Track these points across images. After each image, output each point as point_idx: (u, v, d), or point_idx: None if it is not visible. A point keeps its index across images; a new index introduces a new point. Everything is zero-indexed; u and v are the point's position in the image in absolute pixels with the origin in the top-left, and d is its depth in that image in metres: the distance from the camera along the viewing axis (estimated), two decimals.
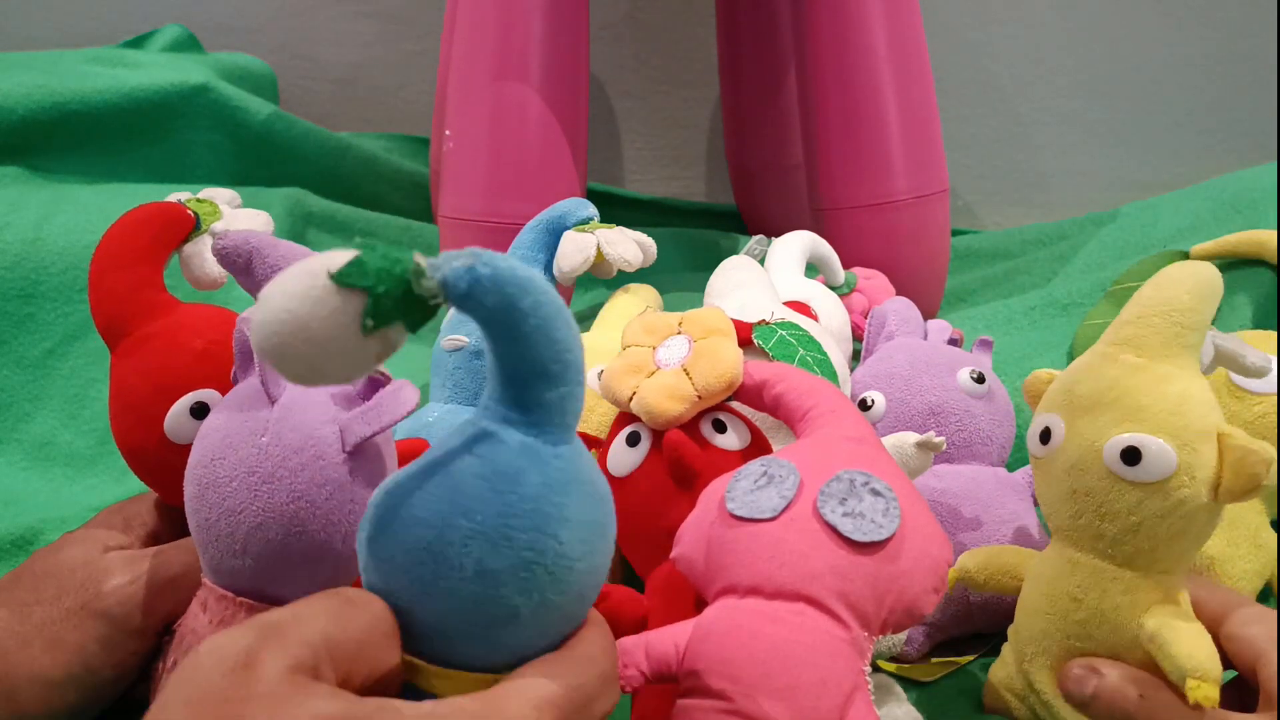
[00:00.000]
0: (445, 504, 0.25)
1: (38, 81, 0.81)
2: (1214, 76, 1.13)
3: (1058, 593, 0.36)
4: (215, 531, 0.32)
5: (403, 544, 0.25)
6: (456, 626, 0.26)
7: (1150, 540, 0.33)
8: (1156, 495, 0.33)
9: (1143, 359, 0.34)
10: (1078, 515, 0.35)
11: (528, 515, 0.25)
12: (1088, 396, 0.35)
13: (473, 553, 0.25)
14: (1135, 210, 0.83)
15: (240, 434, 0.32)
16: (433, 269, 0.23)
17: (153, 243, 0.40)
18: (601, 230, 0.58)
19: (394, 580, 0.25)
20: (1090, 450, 0.34)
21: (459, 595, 0.25)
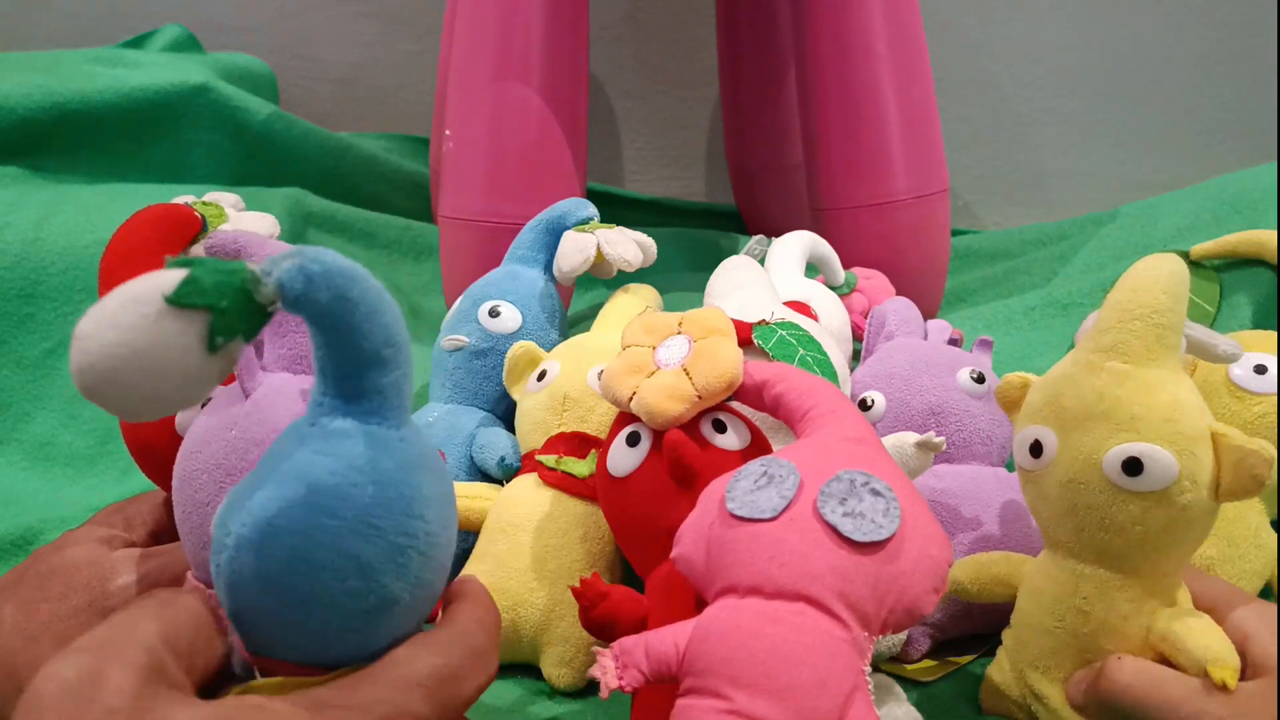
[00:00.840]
0: (306, 508, 0.24)
1: (38, 81, 0.81)
2: (1214, 76, 1.13)
3: (1064, 608, 0.35)
4: (189, 525, 0.32)
5: (273, 558, 0.24)
6: (336, 626, 0.25)
7: (1156, 548, 0.33)
8: (1161, 504, 0.32)
9: (1128, 365, 0.33)
10: (1080, 529, 0.34)
11: (390, 502, 0.25)
12: (1077, 409, 0.34)
13: (346, 549, 0.25)
14: (1135, 210, 0.83)
15: (215, 429, 0.32)
16: (265, 275, 0.22)
17: (163, 242, 0.40)
18: (601, 230, 0.58)
19: (267, 596, 0.25)
20: (1088, 464, 0.33)
21: (338, 594, 0.25)
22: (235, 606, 0.25)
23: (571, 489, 0.47)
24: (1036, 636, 0.37)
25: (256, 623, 0.25)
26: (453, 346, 0.55)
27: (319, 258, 0.23)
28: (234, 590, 0.25)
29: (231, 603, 0.25)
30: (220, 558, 0.25)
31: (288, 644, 0.26)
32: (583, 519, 0.46)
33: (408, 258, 0.95)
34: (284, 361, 0.34)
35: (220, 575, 0.25)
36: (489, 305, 0.56)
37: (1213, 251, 0.64)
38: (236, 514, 0.25)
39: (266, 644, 0.26)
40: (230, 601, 0.25)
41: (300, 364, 0.34)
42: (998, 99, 1.16)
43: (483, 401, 0.55)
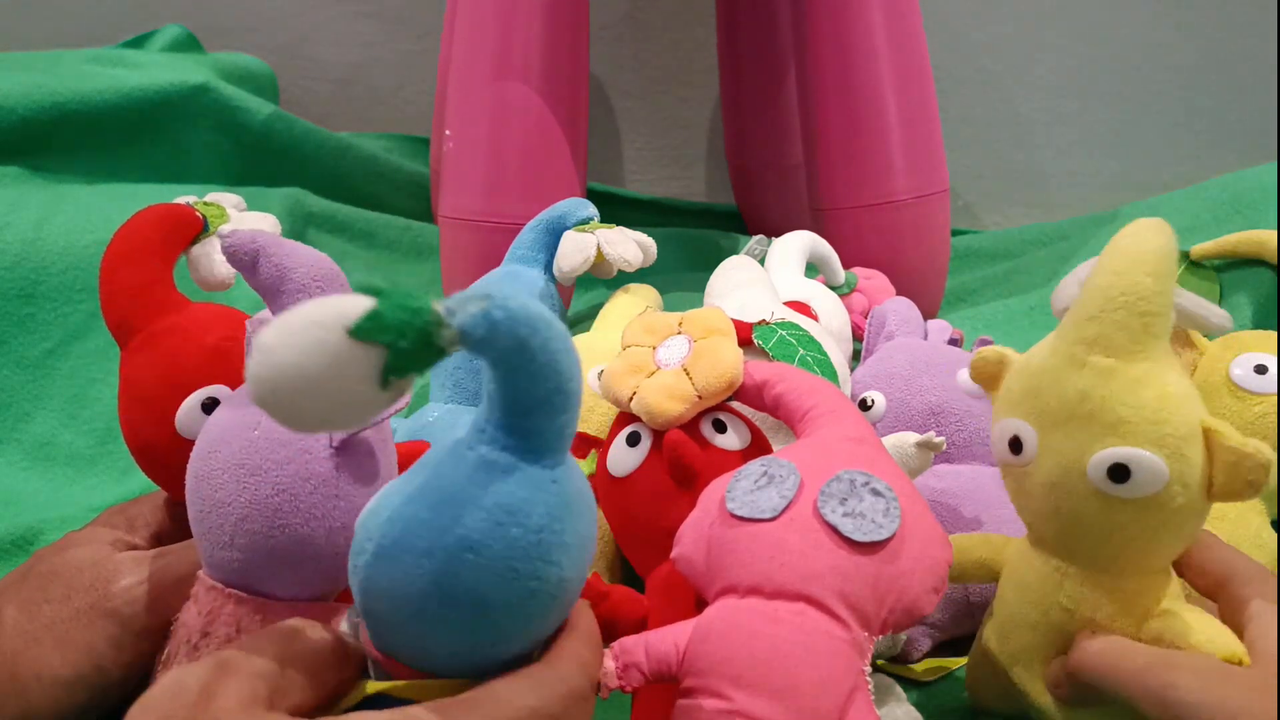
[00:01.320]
0: (450, 538, 0.25)
1: (38, 81, 0.81)
2: (1214, 76, 1.13)
3: (1049, 604, 0.34)
4: (207, 524, 0.32)
5: (406, 578, 0.25)
6: (447, 648, 0.26)
7: (1144, 550, 0.32)
8: (1150, 510, 0.31)
9: (1112, 359, 0.31)
10: (1063, 533, 0.33)
11: (532, 548, 0.25)
12: (1059, 409, 0.32)
13: (476, 587, 0.25)
14: (1135, 210, 0.83)
15: (235, 428, 0.32)
16: (449, 316, 0.22)
17: (165, 241, 0.40)
18: (601, 230, 0.58)
19: (393, 607, 0.25)
20: (1073, 470, 0.31)
21: (453, 624, 0.25)
22: (365, 607, 0.26)
23: None
24: (1019, 630, 0.36)
25: (382, 626, 0.26)
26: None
27: (505, 304, 0.23)
28: (365, 593, 0.26)
29: (362, 602, 0.26)
30: (358, 560, 0.26)
31: (407, 650, 0.26)
32: None
33: (408, 258, 0.95)
34: None
35: (355, 574, 0.26)
36: None
37: (1213, 251, 0.64)
38: (379, 522, 0.25)
39: (390, 646, 0.27)
40: (361, 600, 0.26)
41: None
42: (998, 99, 1.16)
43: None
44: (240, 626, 0.32)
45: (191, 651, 0.32)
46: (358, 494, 0.32)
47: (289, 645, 0.26)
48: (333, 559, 0.32)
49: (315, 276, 0.34)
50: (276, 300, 0.34)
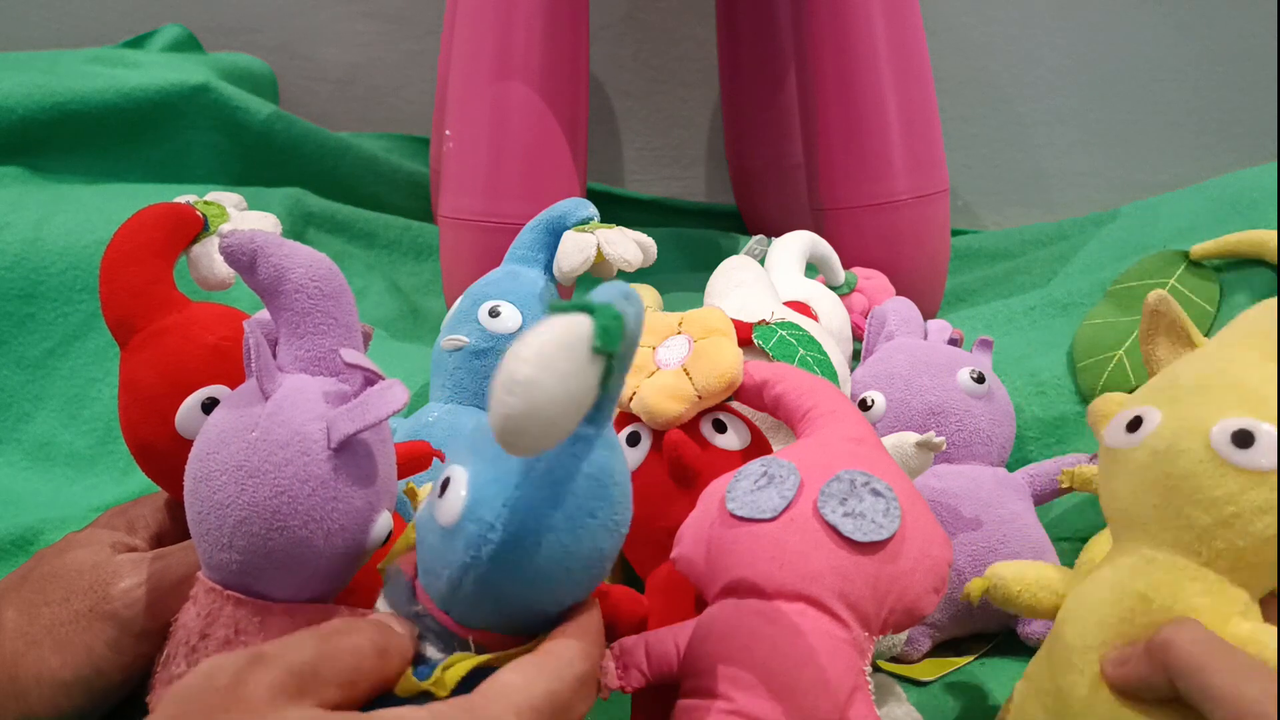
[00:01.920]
0: (572, 509, 0.27)
1: (38, 81, 0.81)
2: (1214, 76, 1.13)
3: (1125, 593, 0.32)
4: (206, 525, 0.32)
5: (540, 552, 0.27)
6: (564, 605, 0.29)
7: (1243, 537, 0.30)
8: (1262, 486, 0.30)
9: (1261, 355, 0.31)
10: (1165, 505, 0.31)
11: (624, 499, 0.29)
12: (1193, 381, 0.32)
13: (597, 544, 0.28)
14: (1135, 210, 0.83)
15: (234, 429, 0.32)
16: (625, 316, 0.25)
17: (165, 240, 0.40)
18: (601, 230, 0.58)
19: (524, 584, 0.27)
20: (1193, 432, 0.31)
21: (581, 582, 0.28)
22: (474, 592, 0.27)
23: None
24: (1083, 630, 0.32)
25: (493, 606, 0.28)
26: (453, 346, 0.55)
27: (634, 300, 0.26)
28: (484, 580, 0.27)
29: (475, 589, 0.27)
30: (481, 550, 0.27)
31: (511, 621, 0.28)
32: None
33: (408, 258, 0.95)
34: (301, 363, 0.34)
35: (471, 567, 0.27)
36: (489, 305, 0.55)
37: (1213, 251, 0.64)
38: (491, 510, 0.27)
39: (487, 621, 0.28)
40: (473, 588, 0.27)
41: (318, 366, 0.34)
42: (998, 99, 1.16)
43: (483, 401, 0.54)
44: (239, 628, 0.32)
45: (190, 653, 0.32)
46: (356, 496, 0.32)
47: (327, 643, 0.26)
48: (331, 561, 0.32)
49: (313, 277, 0.34)
50: (274, 300, 0.34)
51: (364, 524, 0.33)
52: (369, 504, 0.33)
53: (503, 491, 0.27)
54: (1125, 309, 0.64)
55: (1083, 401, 0.60)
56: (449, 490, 0.28)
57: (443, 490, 0.28)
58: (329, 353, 0.34)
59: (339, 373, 0.34)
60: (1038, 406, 0.60)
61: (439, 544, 0.28)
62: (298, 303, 0.33)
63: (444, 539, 0.28)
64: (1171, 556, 0.31)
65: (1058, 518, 0.56)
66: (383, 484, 0.33)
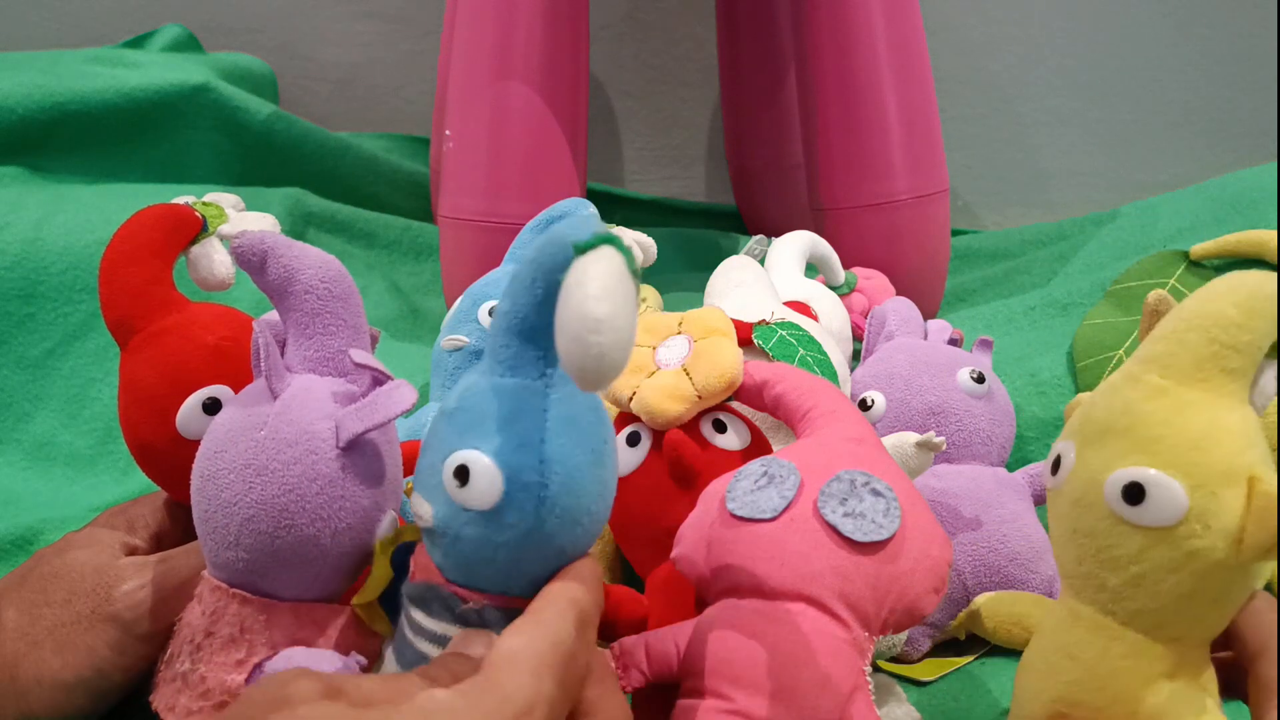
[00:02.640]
0: (590, 451, 0.28)
1: (38, 81, 0.81)
2: (1214, 76, 1.13)
3: (1053, 647, 0.31)
4: (213, 524, 0.32)
5: (586, 493, 0.28)
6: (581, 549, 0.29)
7: (1155, 597, 0.28)
8: (1163, 544, 0.27)
9: (1168, 381, 0.28)
10: (1080, 560, 0.29)
11: (610, 423, 0.30)
12: (1100, 422, 0.29)
13: (607, 480, 0.29)
14: (1135, 210, 0.83)
15: (242, 428, 0.32)
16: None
17: (164, 241, 0.40)
18: None
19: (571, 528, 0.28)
20: (1094, 484, 0.29)
21: (601, 518, 0.29)
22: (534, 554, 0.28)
23: None
24: (1026, 678, 0.32)
25: (553, 559, 0.29)
26: (453, 346, 0.55)
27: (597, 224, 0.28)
28: (546, 539, 0.28)
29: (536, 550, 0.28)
30: (540, 511, 0.28)
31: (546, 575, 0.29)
32: None
33: (408, 258, 0.95)
34: (310, 363, 0.34)
35: (535, 531, 0.28)
36: (489, 305, 0.55)
37: (1213, 251, 0.64)
38: (533, 470, 0.28)
39: (533, 584, 0.29)
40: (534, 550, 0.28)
41: (327, 366, 0.34)
42: (998, 99, 1.16)
43: None
44: (244, 626, 0.32)
45: (194, 651, 0.32)
46: (363, 495, 0.32)
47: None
48: (337, 560, 0.32)
49: (323, 278, 0.34)
50: (284, 301, 0.34)
51: (370, 523, 0.33)
52: (376, 503, 0.33)
53: (534, 451, 0.28)
54: (1125, 309, 0.64)
55: None
56: (473, 477, 0.27)
57: (462, 482, 0.28)
58: (337, 353, 0.34)
59: (347, 373, 0.34)
60: (1038, 406, 0.60)
61: (483, 531, 0.28)
62: (307, 304, 0.34)
63: (488, 522, 0.28)
64: (1093, 613, 0.30)
65: None
66: (389, 484, 0.33)
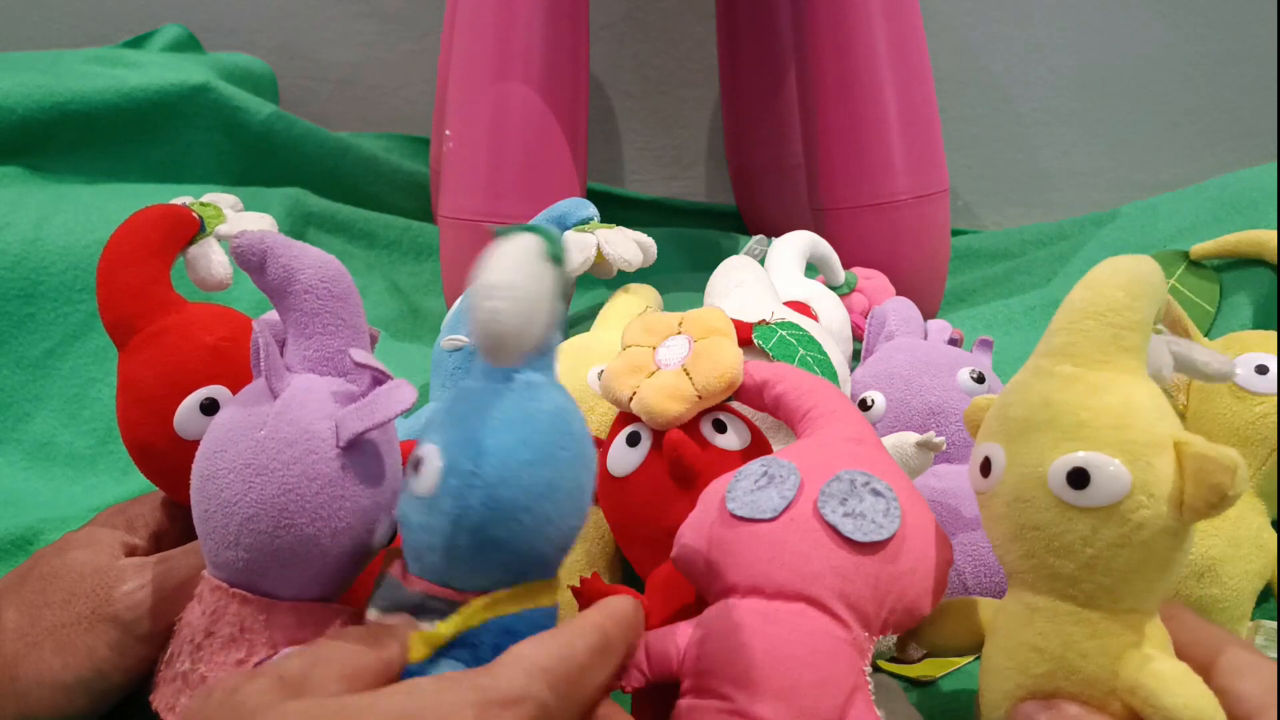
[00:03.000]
0: (546, 444, 0.28)
1: (38, 81, 0.81)
2: (1214, 76, 1.13)
3: (1015, 644, 0.31)
4: (213, 523, 0.32)
5: (525, 489, 0.28)
6: (554, 546, 0.29)
7: (1110, 574, 0.29)
8: (1111, 521, 0.29)
9: (1078, 369, 0.30)
10: (1029, 555, 0.30)
11: (585, 437, 0.30)
12: (1022, 418, 0.31)
13: (575, 477, 0.29)
14: (1135, 210, 0.83)
15: (242, 428, 0.32)
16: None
17: (162, 242, 0.40)
18: (601, 230, 0.58)
19: (512, 525, 0.28)
20: (1032, 478, 0.30)
21: (568, 515, 0.29)
22: (470, 544, 0.28)
23: None
24: (993, 680, 0.32)
25: (492, 557, 0.28)
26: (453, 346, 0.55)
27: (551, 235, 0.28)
28: (477, 529, 0.28)
29: (470, 540, 0.28)
30: (469, 498, 0.28)
31: (511, 571, 0.29)
32: None
33: (408, 258, 0.95)
34: (309, 363, 0.34)
35: (463, 519, 0.28)
36: None
37: (1213, 251, 0.64)
38: (468, 459, 0.28)
39: (489, 578, 0.29)
40: (468, 540, 0.28)
41: (326, 366, 0.34)
42: (998, 99, 1.16)
43: None
44: (244, 626, 0.32)
45: (195, 651, 0.32)
46: (363, 495, 0.32)
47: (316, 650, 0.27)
48: (338, 559, 0.32)
49: (322, 278, 0.34)
50: (283, 301, 0.34)
51: (370, 523, 0.33)
52: (376, 503, 0.33)
53: (474, 441, 0.28)
54: None
55: None
56: (422, 465, 0.28)
57: (415, 471, 0.29)
58: (337, 353, 0.34)
59: (347, 373, 0.34)
60: None
61: (424, 518, 0.28)
62: (306, 303, 0.34)
63: (429, 508, 0.28)
64: (1052, 603, 0.30)
65: None
66: (389, 483, 0.33)
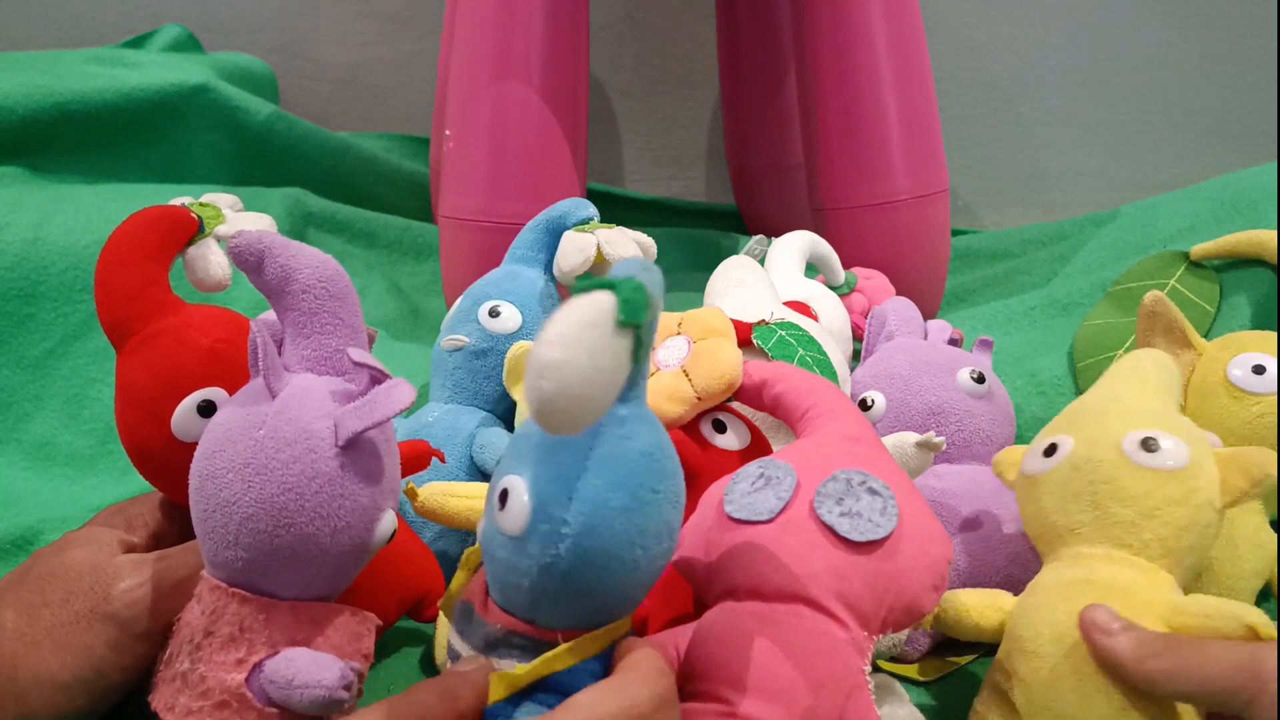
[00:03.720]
0: (635, 488, 0.28)
1: (38, 81, 0.81)
2: (1214, 76, 1.13)
3: (1066, 581, 0.35)
4: (212, 523, 0.32)
5: (615, 535, 0.27)
6: (638, 586, 0.29)
7: (1165, 525, 0.34)
8: (1171, 482, 0.35)
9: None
10: (1093, 506, 0.35)
11: (675, 471, 0.29)
12: (1094, 410, 0.37)
13: (664, 517, 0.29)
14: (1135, 210, 0.83)
15: (240, 428, 0.32)
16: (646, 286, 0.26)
17: (160, 243, 0.40)
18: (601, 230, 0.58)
19: (603, 570, 0.28)
20: (1106, 444, 0.36)
21: (656, 556, 0.29)
22: (559, 589, 0.28)
23: None
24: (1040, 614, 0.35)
25: (580, 599, 0.28)
26: (453, 346, 0.55)
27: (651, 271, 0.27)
28: (567, 576, 0.28)
29: (560, 586, 0.28)
30: (559, 546, 0.27)
31: (598, 612, 0.29)
32: None
33: (408, 258, 0.95)
34: (307, 363, 0.34)
35: (554, 566, 0.28)
36: (489, 305, 0.55)
37: (1213, 251, 0.64)
38: (560, 505, 0.27)
39: (575, 618, 0.29)
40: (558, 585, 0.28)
41: (324, 366, 0.34)
42: (998, 99, 1.16)
43: (483, 401, 0.55)
44: (243, 626, 0.32)
45: (194, 651, 0.32)
46: (362, 493, 0.32)
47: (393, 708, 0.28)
48: (337, 559, 0.32)
49: (320, 278, 0.34)
50: (281, 301, 0.34)
51: (369, 522, 0.33)
52: (374, 502, 0.33)
53: (567, 486, 0.28)
54: (1125, 309, 0.64)
55: None
56: (510, 501, 0.28)
57: (502, 504, 0.28)
58: (335, 353, 0.34)
59: (345, 372, 0.34)
60: (1038, 406, 0.60)
61: (510, 556, 0.28)
62: (304, 303, 0.34)
63: (515, 548, 0.28)
64: (1106, 549, 0.35)
65: None
66: (388, 482, 0.33)
